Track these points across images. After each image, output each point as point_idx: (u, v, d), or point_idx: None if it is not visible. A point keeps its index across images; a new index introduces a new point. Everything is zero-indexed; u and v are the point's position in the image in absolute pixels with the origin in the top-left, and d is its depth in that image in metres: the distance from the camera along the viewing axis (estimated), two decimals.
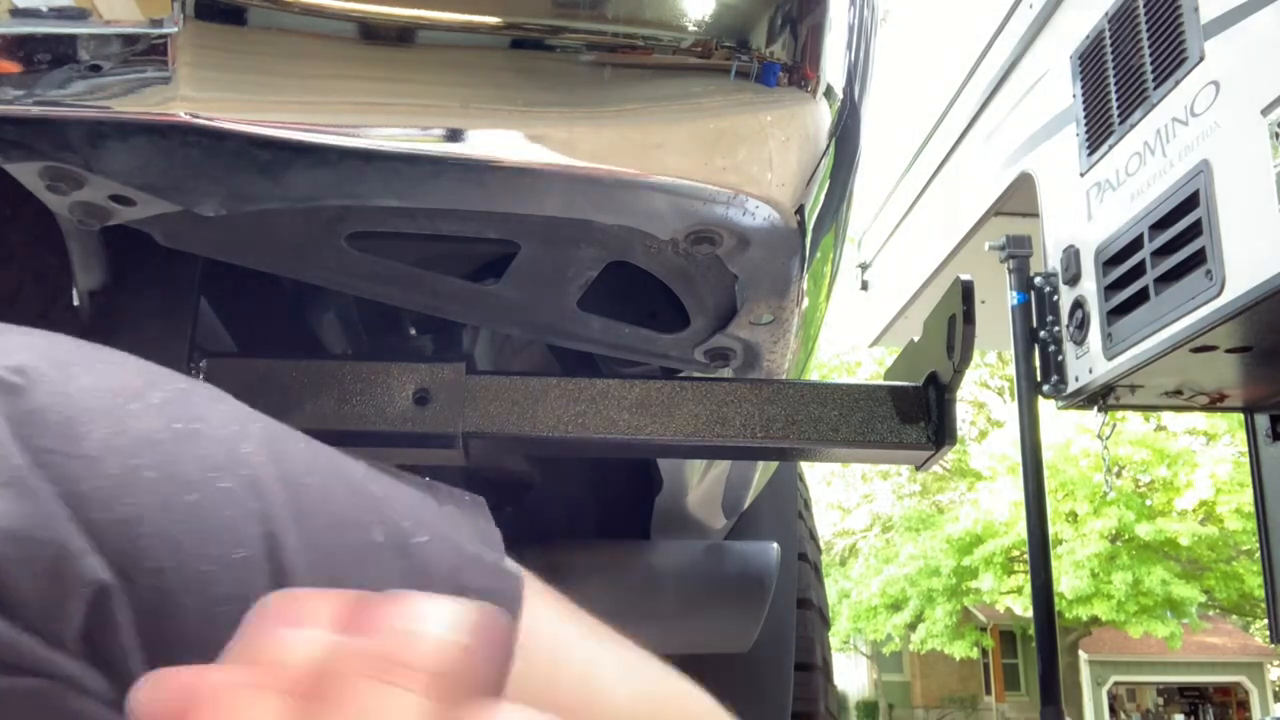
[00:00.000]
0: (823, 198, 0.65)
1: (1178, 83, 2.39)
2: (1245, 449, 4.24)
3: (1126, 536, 13.98)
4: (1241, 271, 2.10)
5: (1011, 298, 3.02)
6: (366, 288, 0.71)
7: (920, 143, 4.23)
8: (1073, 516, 14.07)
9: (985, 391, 19.81)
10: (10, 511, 0.30)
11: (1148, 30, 2.52)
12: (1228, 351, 2.35)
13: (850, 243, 4.63)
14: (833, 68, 0.62)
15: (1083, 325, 2.72)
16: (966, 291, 0.70)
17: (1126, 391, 2.72)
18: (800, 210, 0.62)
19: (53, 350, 0.37)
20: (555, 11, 0.57)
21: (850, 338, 16.50)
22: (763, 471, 1.26)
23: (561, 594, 0.50)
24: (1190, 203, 2.29)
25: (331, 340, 0.98)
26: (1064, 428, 12.94)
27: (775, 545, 1.11)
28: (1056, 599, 3.36)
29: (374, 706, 0.24)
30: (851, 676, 23.10)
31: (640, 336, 0.76)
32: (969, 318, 0.69)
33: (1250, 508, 3.48)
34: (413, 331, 1.00)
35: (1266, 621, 2.85)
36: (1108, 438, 2.94)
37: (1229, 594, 14.56)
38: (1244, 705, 20.14)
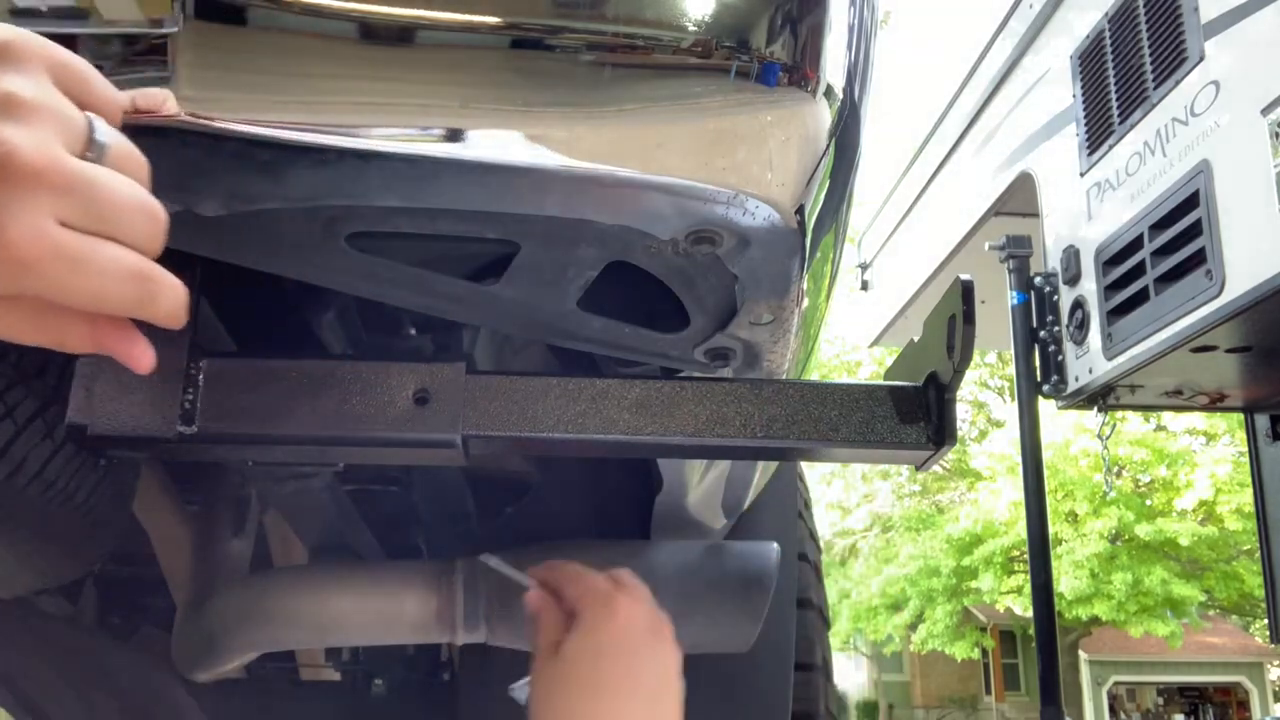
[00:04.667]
0: (823, 198, 0.65)
1: (1178, 83, 2.39)
2: (1245, 449, 4.24)
3: (1126, 536, 13.98)
4: (1241, 271, 2.10)
5: (1011, 298, 3.02)
6: (366, 288, 0.71)
7: (920, 143, 4.23)
8: (1073, 516, 14.06)
9: (985, 391, 19.80)
10: None
11: (1148, 30, 2.52)
12: (1228, 351, 2.35)
13: (850, 243, 4.64)
14: (833, 68, 0.62)
15: (1083, 325, 2.72)
16: (966, 291, 0.70)
17: (1126, 391, 2.72)
18: (800, 210, 0.62)
19: None
20: (555, 11, 0.57)
21: (851, 338, 16.52)
22: (763, 471, 1.26)
23: None
24: (1190, 203, 2.28)
25: (331, 340, 0.98)
26: (1064, 428, 12.94)
27: (775, 545, 1.11)
28: (1056, 599, 3.36)
29: None
30: (851, 676, 23.09)
31: (640, 336, 0.76)
32: (969, 318, 0.69)
33: (1250, 508, 3.48)
34: (413, 331, 1.00)
35: (1266, 621, 2.85)
36: (1107, 438, 2.94)
37: (1229, 594, 14.55)
38: (1244, 705, 20.14)
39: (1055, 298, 2.89)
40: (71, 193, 0.43)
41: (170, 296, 0.49)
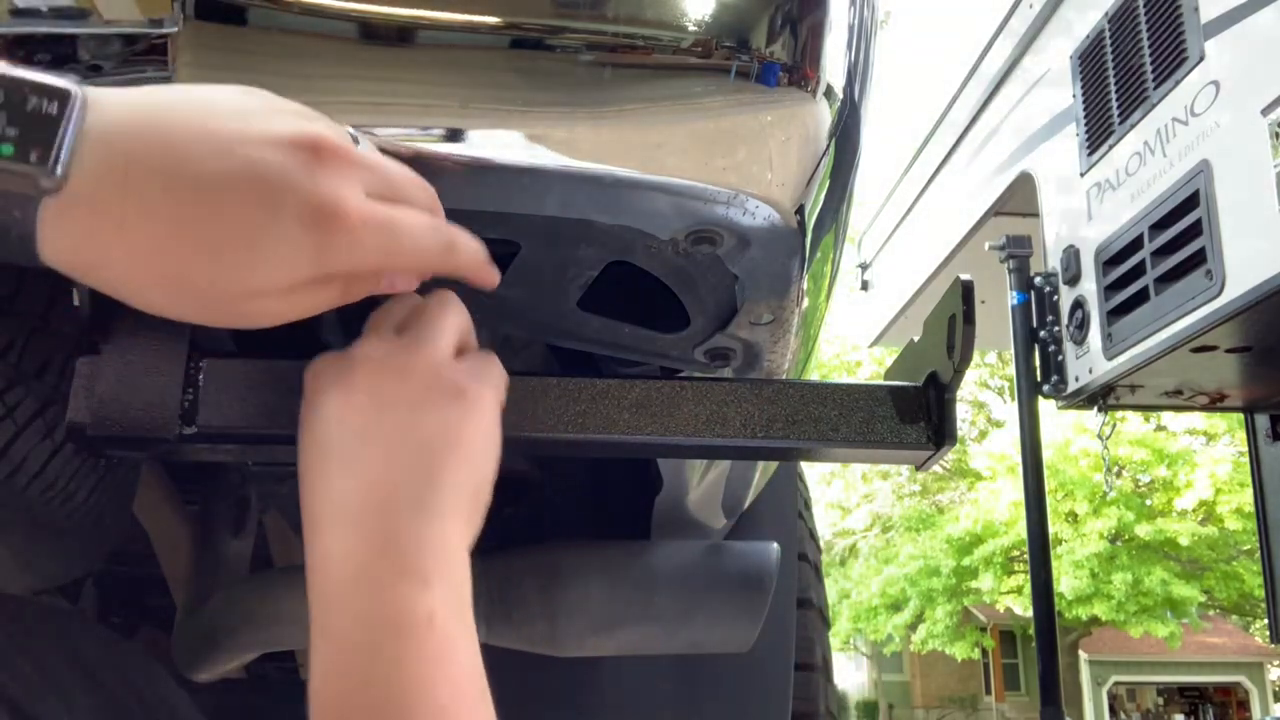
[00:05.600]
0: (823, 198, 0.65)
1: (1178, 83, 2.39)
2: (1245, 449, 4.24)
3: (1126, 536, 13.98)
4: (1241, 271, 2.11)
5: (1011, 298, 3.02)
6: None
7: (920, 143, 4.23)
8: (1073, 516, 14.07)
9: (985, 391, 19.81)
10: None
11: (1148, 30, 2.52)
12: (1228, 351, 2.35)
13: (850, 243, 4.63)
14: (833, 68, 0.62)
15: (1083, 325, 2.72)
16: (966, 291, 0.70)
17: (1126, 391, 2.72)
18: (800, 210, 0.62)
19: None
20: (555, 11, 0.57)
21: (851, 338, 16.53)
22: (763, 471, 1.26)
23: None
24: (1190, 203, 2.29)
25: (331, 340, 0.97)
26: (1064, 428, 12.94)
27: (775, 545, 1.11)
28: (1056, 599, 3.36)
29: None
30: (851, 676, 23.11)
31: (640, 336, 0.76)
32: (969, 318, 0.69)
33: (1250, 508, 3.48)
34: None
35: (1266, 621, 2.85)
36: (1108, 438, 2.94)
37: (1229, 594, 14.56)
38: (1244, 705, 20.16)
39: (1055, 298, 2.89)
40: (372, 169, 0.50)
41: (467, 247, 0.56)
